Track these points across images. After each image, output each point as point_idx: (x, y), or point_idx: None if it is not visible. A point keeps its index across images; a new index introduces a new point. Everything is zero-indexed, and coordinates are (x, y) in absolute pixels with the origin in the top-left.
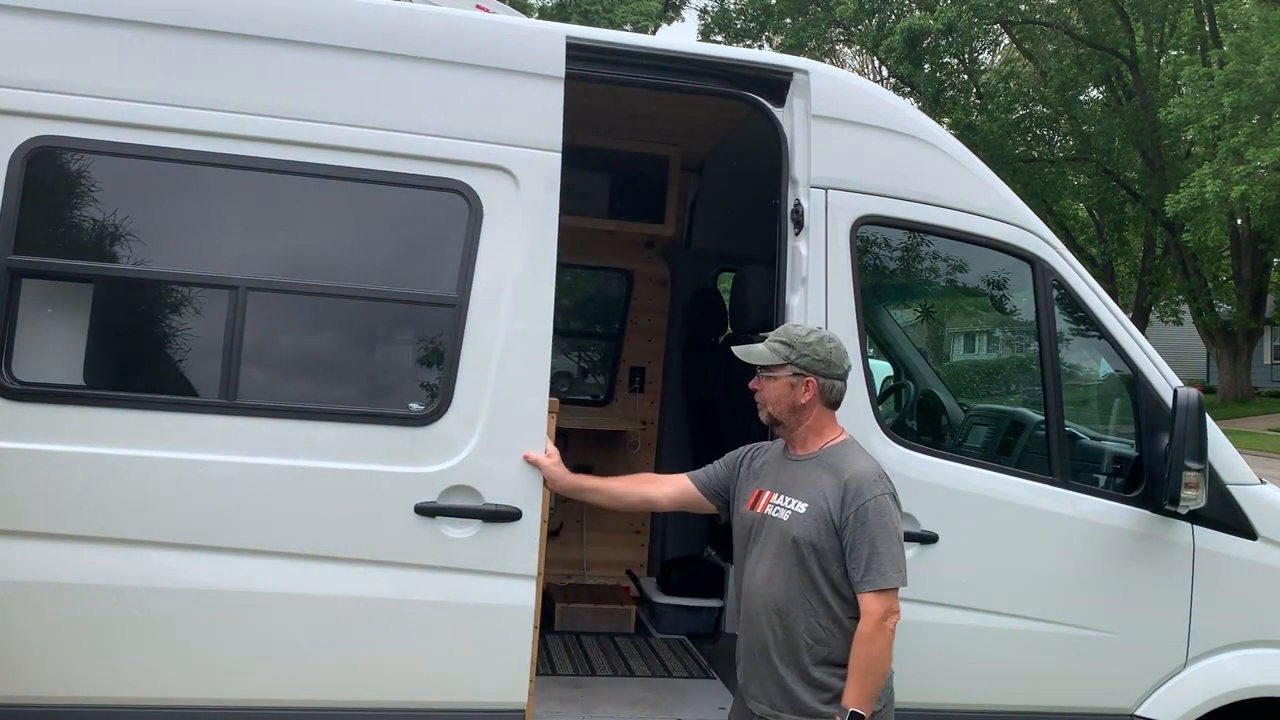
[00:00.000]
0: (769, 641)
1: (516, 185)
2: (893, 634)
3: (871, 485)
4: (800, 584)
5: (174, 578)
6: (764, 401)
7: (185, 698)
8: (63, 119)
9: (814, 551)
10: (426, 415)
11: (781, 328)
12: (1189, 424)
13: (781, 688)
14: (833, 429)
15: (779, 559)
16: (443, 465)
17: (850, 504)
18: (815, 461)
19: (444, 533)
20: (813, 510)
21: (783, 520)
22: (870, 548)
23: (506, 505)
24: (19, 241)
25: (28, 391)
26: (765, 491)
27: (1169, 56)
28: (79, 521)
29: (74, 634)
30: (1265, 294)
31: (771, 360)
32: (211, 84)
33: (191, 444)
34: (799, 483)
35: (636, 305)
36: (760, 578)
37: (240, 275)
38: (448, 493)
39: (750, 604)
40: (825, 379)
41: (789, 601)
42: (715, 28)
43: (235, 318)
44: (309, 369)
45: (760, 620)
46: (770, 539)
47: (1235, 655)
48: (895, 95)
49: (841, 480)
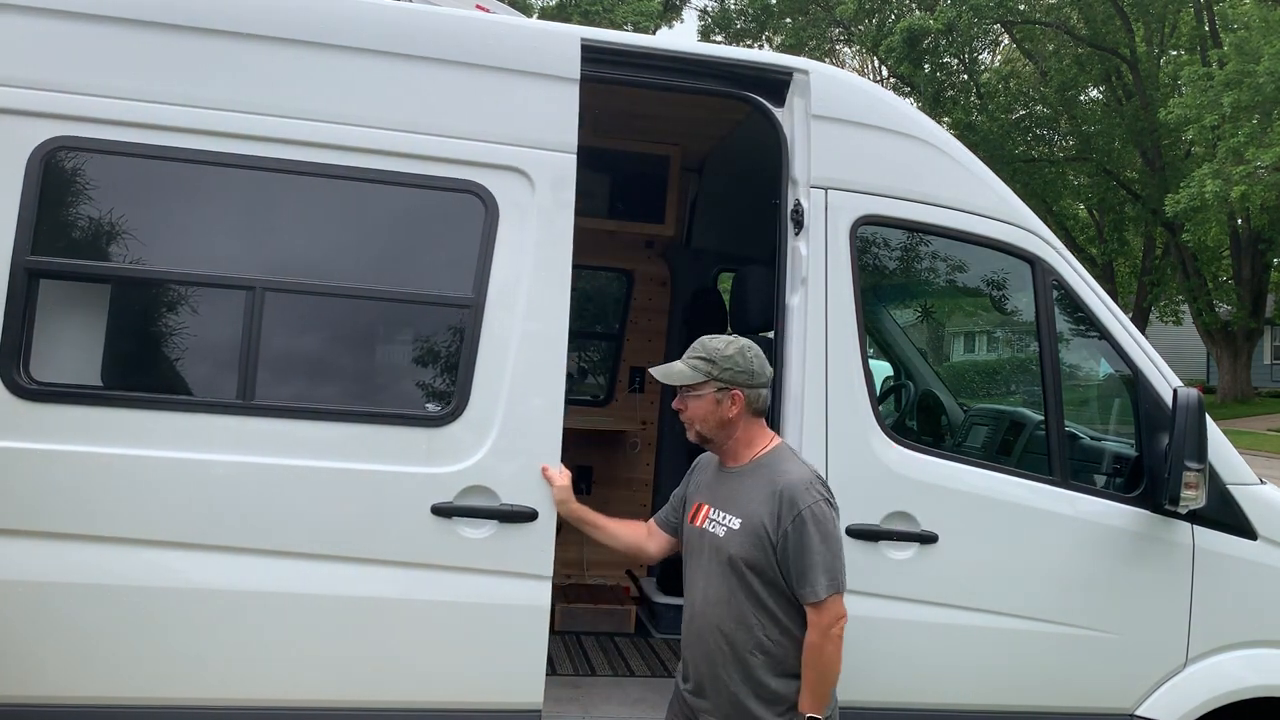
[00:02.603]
0: (717, 659)
1: (532, 186)
2: (841, 638)
3: (804, 494)
4: (743, 601)
5: (193, 579)
6: (691, 421)
7: (203, 698)
8: (78, 119)
9: (752, 568)
10: (443, 416)
11: (698, 342)
12: (1189, 424)
13: (734, 702)
14: (763, 437)
15: (720, 577)
16: (459, 466)
17: (785, 516)
18: (748, 473)
19: (460, 533)
20: (747, 525)
21: (719, 537)
22: (808, 559)
23: (523, 506)
24: (36, 242)
25: (46, 392)
26: (704, 505)
27: (1169, 56)
28: (103, 523)
29: (89, 634)
30: (1265, 294)
31: (694, 379)
32: (227, 85)
33: (208, 445)
34: (734, 496)
35: (636, 305)
36: (702, 597)
37: (257, 276)
38: (464, 493)
39: (696, 619)
40: (750, 389)
41: (733, 619)
42: (715, 28)
43: (252, 319)
44: (325, 370)
45: (709, 637)
46: (710, 555)
47: (1235, 655)
48: (895, 95)
49: (775, 491)
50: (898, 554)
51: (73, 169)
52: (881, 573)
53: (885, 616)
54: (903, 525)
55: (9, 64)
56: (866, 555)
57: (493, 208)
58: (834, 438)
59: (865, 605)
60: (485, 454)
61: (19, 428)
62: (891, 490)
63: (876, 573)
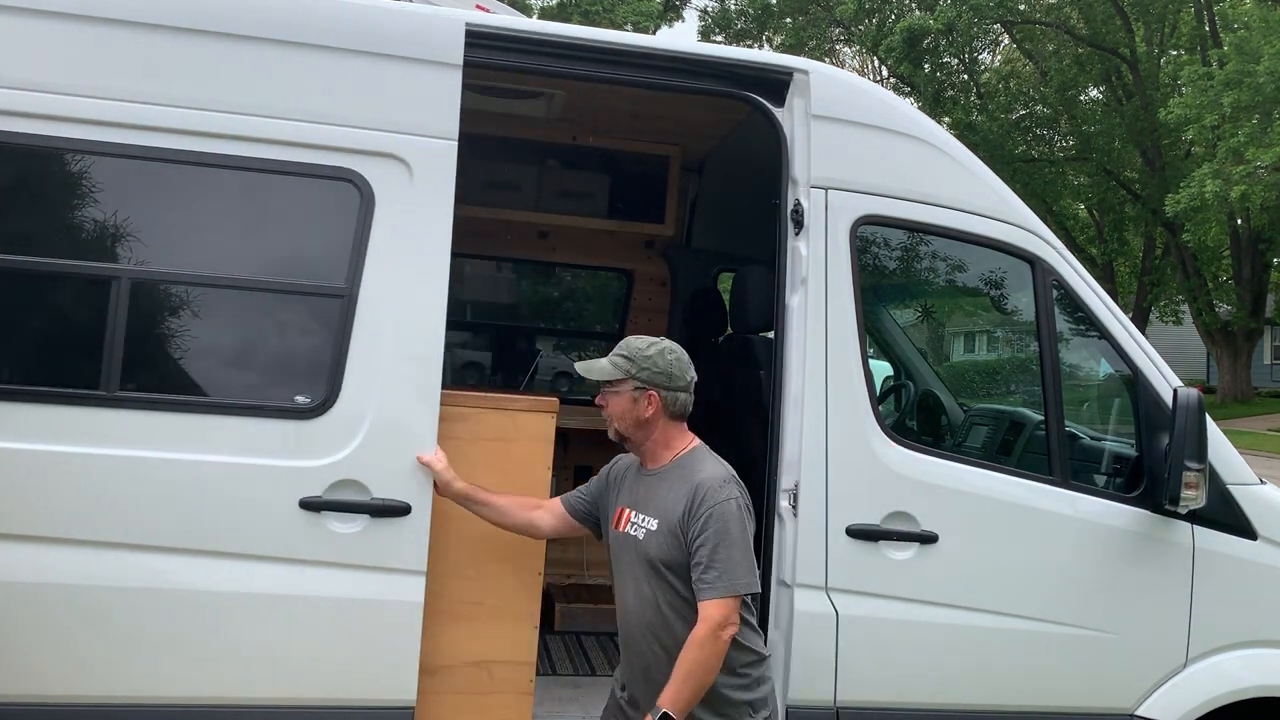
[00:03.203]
0: (650, 662)
1: (410, 174)
2: (726, 644)
3: (716, 491)
4: (668, 601)
5: (58, 574)
6: (609, 417)
7: (70, 695)
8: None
9: (670, 568)
10: (313, 408)
11: (624, 340)
12: (1189, 424)
13: None
14: (681, 439)
15: (645, 580)
16: (329, 459)
17: (697, 512)
18: (666, 474)
19: (330, 528)
20: (663, 526)
21: (639, 539)
22: (712, 554)
23: (395, 500)
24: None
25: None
26: (626, 510)
27: (1169, 56)
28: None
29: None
30: (1265, 294)
31: (613, 375)
32: (92, 71)
33: (70, 437)
34: (652, 498)
35: (636, 305)
36: (632, 600)
37: (123, 266)
38: (334, 487)
39: (628, 626)
40: (667, 391)
41: (663, 620)
42: (716, 28)
43: (117, 309)
44: (193, 361)
45: (640, 641)
46: (631, 558)
47: (1235, 655)
48: (895, 95)
49: (689, 489)
50: (898, 554)
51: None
52: (881, 573)
53: (885, 616)
54: (903, 525)
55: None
56: (866, 555)
57: (368, 196)
58: (834, 438)
59: (865, 605)
60: (356, 448)
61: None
62: (891, 490)
63: (876, 573)
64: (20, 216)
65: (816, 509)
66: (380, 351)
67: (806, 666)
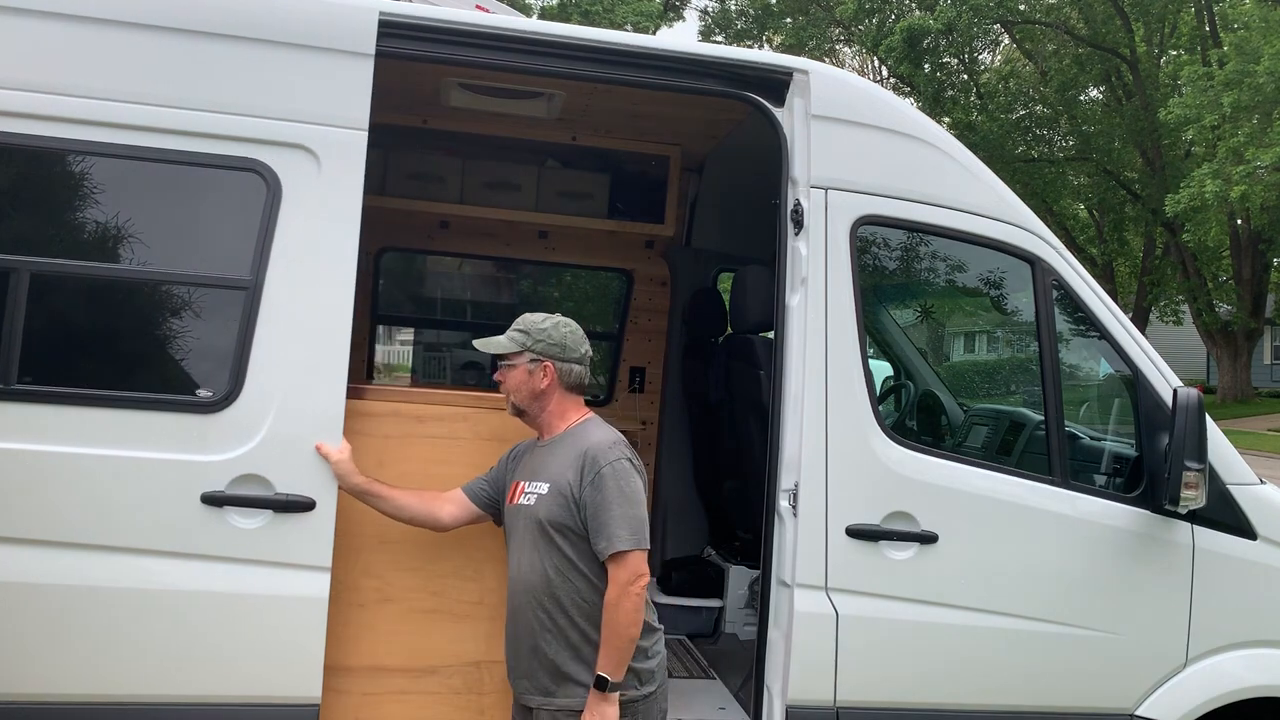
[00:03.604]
0: (535, 629)
1: (318, 164)
2: (640, 597)
3: (606, 452)
4: (557, 565)
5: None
6: (506, 391)
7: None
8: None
9: (559, 530)
10: (216, 402)
11: (521, 316)
12: (1189, 424)
13: (555, 672)
14: (576, 411)
15: (533, 545)
16: (232, 453)
17: (587, 473)
18: (558, 443)
19: (232, 523)
20: (554, 489)
21: (530, 505)
22: (607, 513)
23: (299, 495)
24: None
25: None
26: (520, 482)
27: (1169, 56)
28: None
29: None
30: (1265, 294)
31: (509, 349)
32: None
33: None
34: (545, 466)
35: (636, 305)
36: (518, 567)
37: (23, 257)
38: (236, 482)
39: (514, 596)
40: (562, 363)
41: (549, 585)
42: (716, 28)
43: (16, 301)
44: (94, 354)
45: (526, 610)
46: (523, 526)
47: (1235, 655)
48: (895, 95)
49: (580, 453)
50: (898, 554)
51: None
52: (881, 573)
53: (885, 617)
54: (903, 525)
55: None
56: (866, 555)
57: (275, 186)
58: (834, 438)
59: (865, 605)
60: (260, 442)
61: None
62: (891, 490)
63: (876, 573)
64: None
65: (816, 509)
66: (285, 345)
67: (806, 666)
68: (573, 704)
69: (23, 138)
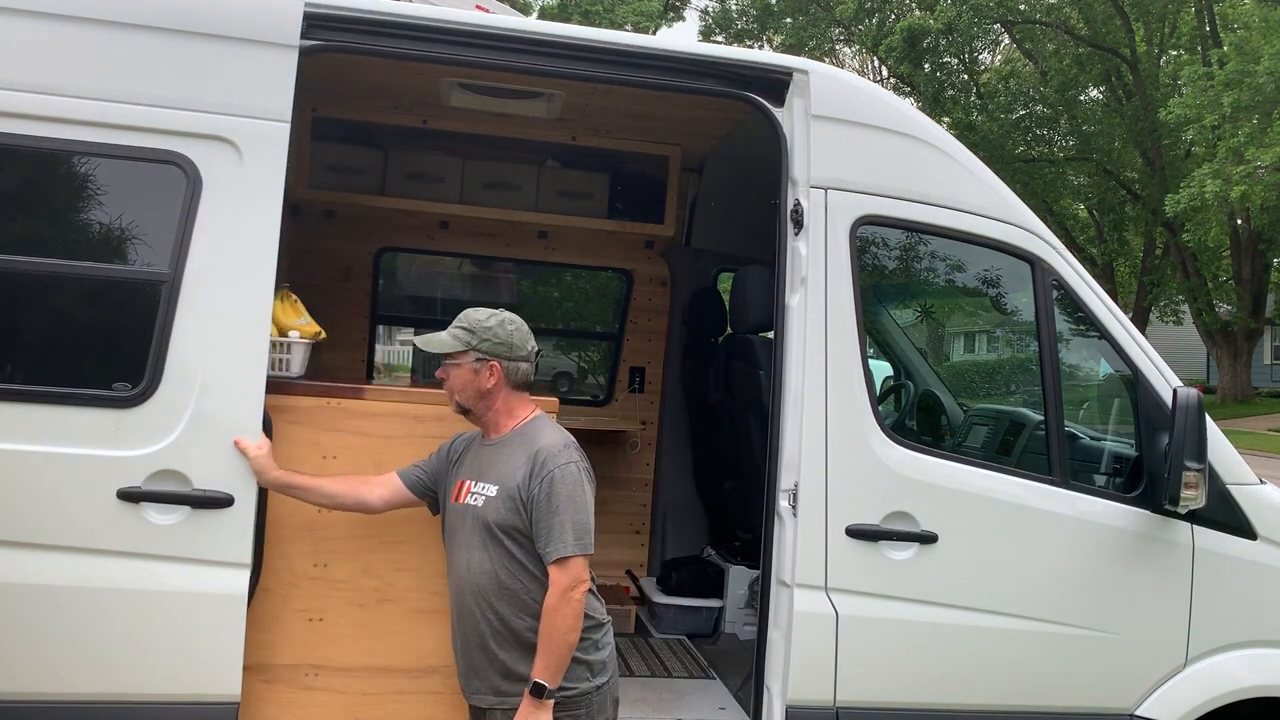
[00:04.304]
0: (485, 630)
1: (239, 156)
2: (579, 603)
3: (556, 455)
4: (505, 566)
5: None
6: (451, 390)
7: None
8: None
9: (507, 532)
10: (132, 397)
11: (464, 313)
12: (1189, 424)
13: (505, 673)
14: (523, 408)
15: (481, 546)
16: (148, 449)
17: (536, 476)
18: (506, 442)
19: (149, 519)
20: (503, 491)
21: (478, 507)
22: (554, 518)
23: (216, 491)
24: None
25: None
26: (465, 481)
27: (1169, 56)
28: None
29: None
30: (1265, 294)
31: (454, 347)
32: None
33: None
34: (492, 466)
35: (636, 305)
36: (466, 568)
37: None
38: (153, 477)
39: (461, 597)
40: (508, 361)
41: (498, 586)
42: (716, 28)
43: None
44: (9, 347)
45: (474, 611)
46: (472, 528)
47: (1235, 655)
48: (895, 95)
49: (530, 454)
50: (898, 554)
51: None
52: (881, 573)
53: (885, 617)
54: (903, 525)
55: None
56: (866, 555)
57: (195, 178)
58: (834, 438)
59: (865, 605)
60: (177, 437)
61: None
62: (891, 490)
63: (876, 573)
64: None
65: (816, 509)
66: (204, 338)
67: (806, 667)
68: None
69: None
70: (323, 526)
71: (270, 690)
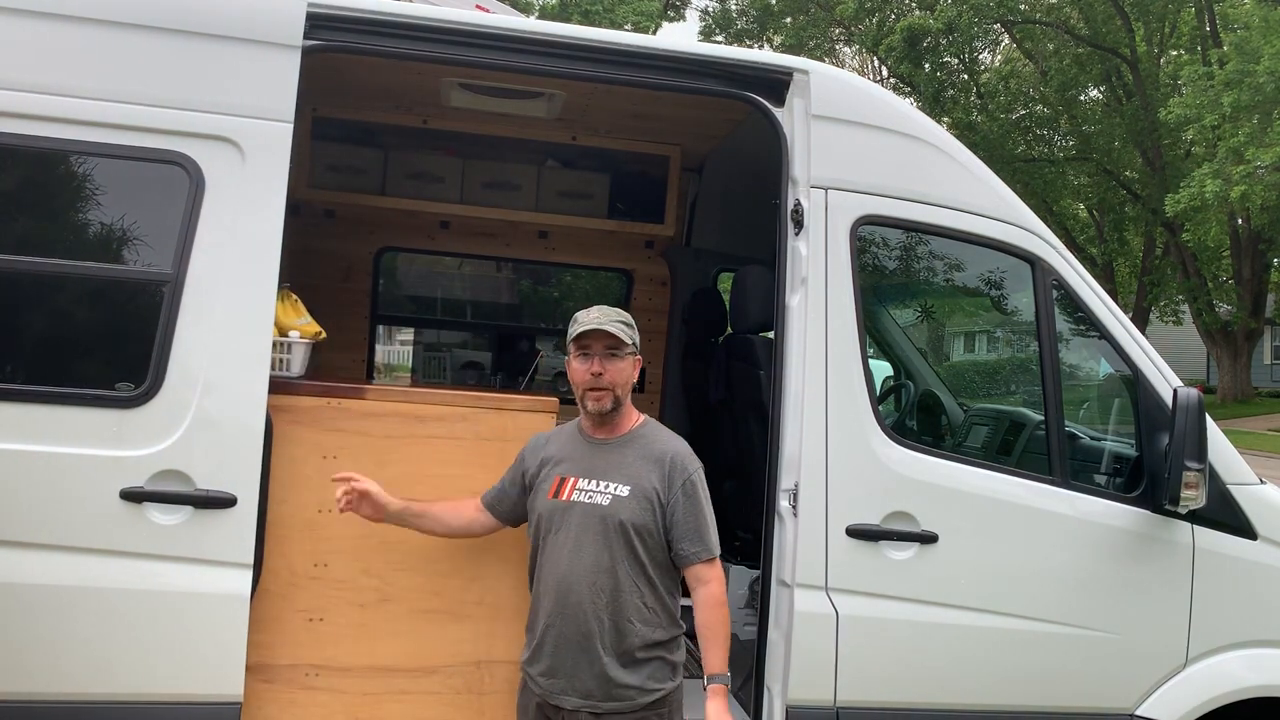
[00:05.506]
0: (593, 630)
1: (242, 157)
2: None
3: (690, 460)
4: (627, 567)
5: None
6: (613, 384)
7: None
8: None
9: (640, 533)
10: (135, 397)
11: (607, 308)
12: (1189, 424)
13: (602, 677)
14: (633, 409)
15: (602, 544)
16: (152, 449)
17: (676, 480)
18: (625, 444)
19: (152, 519)
20: (636, 491)
21: (602, 505)
22: (701, 520)
23: (220, 492)
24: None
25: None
26: (571, 478)
27: (1169, 56)
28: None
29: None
30: (1265, 294)
31: (624, 340)
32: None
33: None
34: (614, 466)
35: (636, 305)
36: (575, 567)
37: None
38: (156, 477)
39: (571, 594)
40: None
41: (617, 586)
42: (716, 28)
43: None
44: (13, 347)
45: (586, 609)
46: (585, 525)
47: (1235, 655)
48: (895, 95)
49: (661, 459)
50: (898, 554)
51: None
52: (881, 573)
53: (885, 617)
54: (903, 525)
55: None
56: (866, 555)
57: (198, 179)
58: (834, 438)
59: (865, 605)
60: (180, 437)
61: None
62: (891, 490)
63: (876, 573)
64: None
65: (816, 509)
66: (207, 338)
67: (806, 666)
68: (622, 707)
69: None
70: (323, 526)
71: (270, 690)
